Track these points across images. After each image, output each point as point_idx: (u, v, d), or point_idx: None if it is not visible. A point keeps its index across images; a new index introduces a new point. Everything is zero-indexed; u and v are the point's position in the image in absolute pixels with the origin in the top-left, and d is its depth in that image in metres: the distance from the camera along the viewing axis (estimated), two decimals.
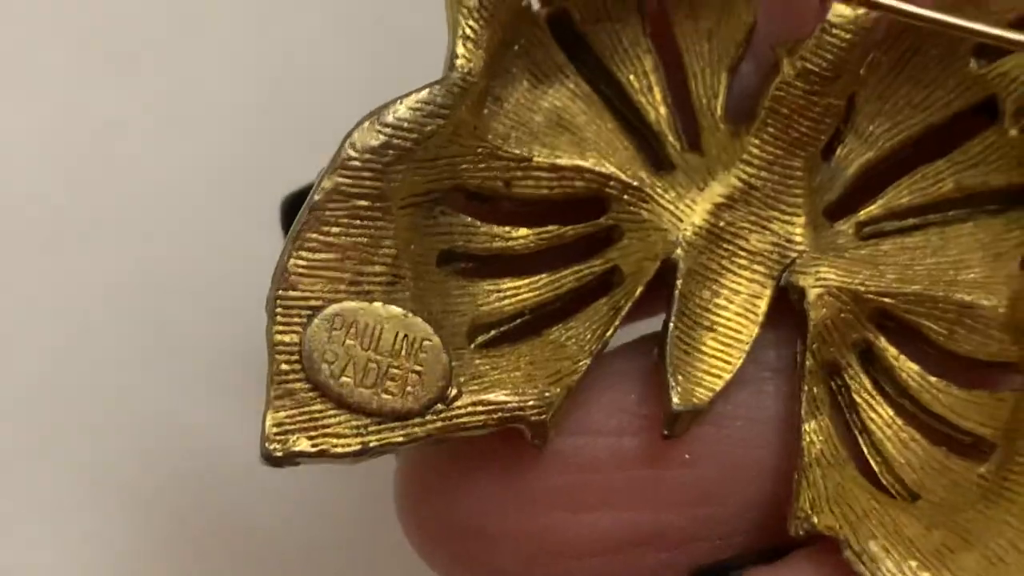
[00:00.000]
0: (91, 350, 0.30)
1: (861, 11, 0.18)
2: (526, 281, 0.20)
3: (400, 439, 0.18)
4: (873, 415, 0.20)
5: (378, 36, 0.28)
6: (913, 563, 0.19)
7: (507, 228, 0.19)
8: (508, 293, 0.20)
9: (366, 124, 0.18)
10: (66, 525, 0.29)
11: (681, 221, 0.19)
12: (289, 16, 0.33)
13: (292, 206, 0.20)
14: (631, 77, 0.20)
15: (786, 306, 0.20)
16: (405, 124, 0.18)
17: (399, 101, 0.18)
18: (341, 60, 0.32)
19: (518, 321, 0.20)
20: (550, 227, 0.20)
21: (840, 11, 0.18)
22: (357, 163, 0.18)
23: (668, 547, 0.20)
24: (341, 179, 0.18)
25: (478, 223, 0.19)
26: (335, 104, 0.30)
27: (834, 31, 0.18)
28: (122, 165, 0.32)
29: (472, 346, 0.19)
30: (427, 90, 0.18)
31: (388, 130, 0.18)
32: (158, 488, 0.29)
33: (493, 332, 0.19)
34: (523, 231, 0.20)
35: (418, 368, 0.18)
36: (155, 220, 0.31)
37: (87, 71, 0.32)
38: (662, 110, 0.20)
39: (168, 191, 0.32)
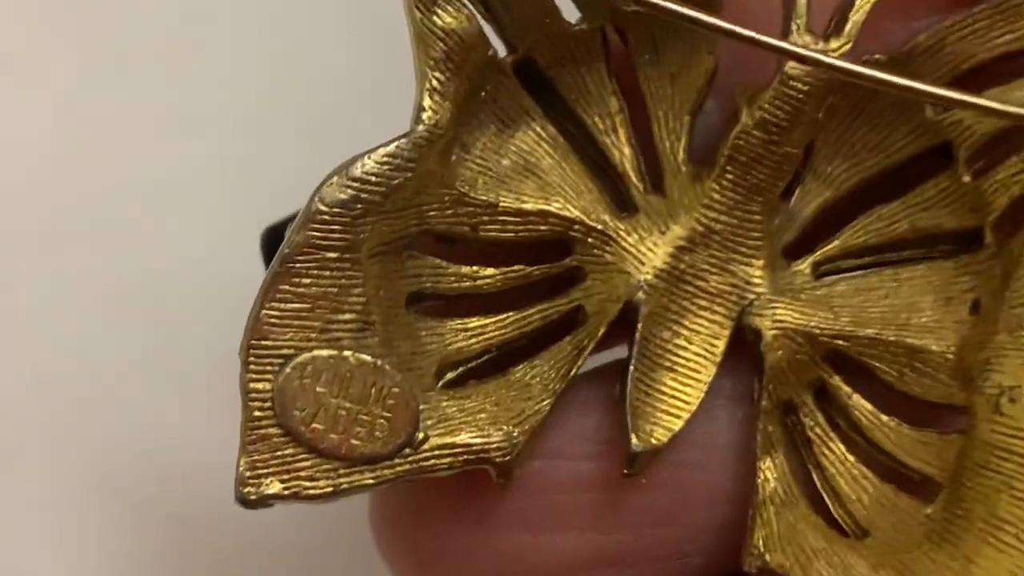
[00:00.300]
0: (90, 352, 0.31)
1: None
2: (493, 320, 0.20)
3: (370, 481, 0.19)
4: (826, 451, 0.20)
5: (383, 37, 0.28)
6: None
7: (474, 268, 0.20)
8: (475, 332, 0.20)
9: (335, 179, 0.19)
10: (66, 525, 0.30)
11: (643, 264, 0.20)
12: (293, 16, 0.33)
13: (271, 238, 0.21)
14: (596, 118, 0.20)
15: (742, 337, 0.21)
16: (373, 178, 0.18)
17: (367, 156, 0.19)
18: (345, 60, 0.32)
19: (485, 358, 0.20)
20: (516, 267, 0.20)
21: (799, 64, 0.19)
22: (326, 217, 0.18)
23: (628, 568, 0.21)
24: (311, 232, 0.18)
25: (446, 264, 0.20)
26: (339, 106, 0.32)
27: (791, 83, 0.19)
28: (122, 166, 0.32)
29: (440, 385, 0.20)
30: (394, 144, 0.19)
31: (356, 184, 0.18)
32: (158, 489, 0.30)
33: (460, 369, 0.20)
34: (490, 271, 0.20)
35: (386, 415, 0.19)
36: (156, 222, 0.32)
37: (87, 71, 0.32)
38: (626, 151, 0.20)
39: (168, 193, 0.32)
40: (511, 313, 0.20)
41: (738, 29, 0.18)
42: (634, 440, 0.19)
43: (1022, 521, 0.19)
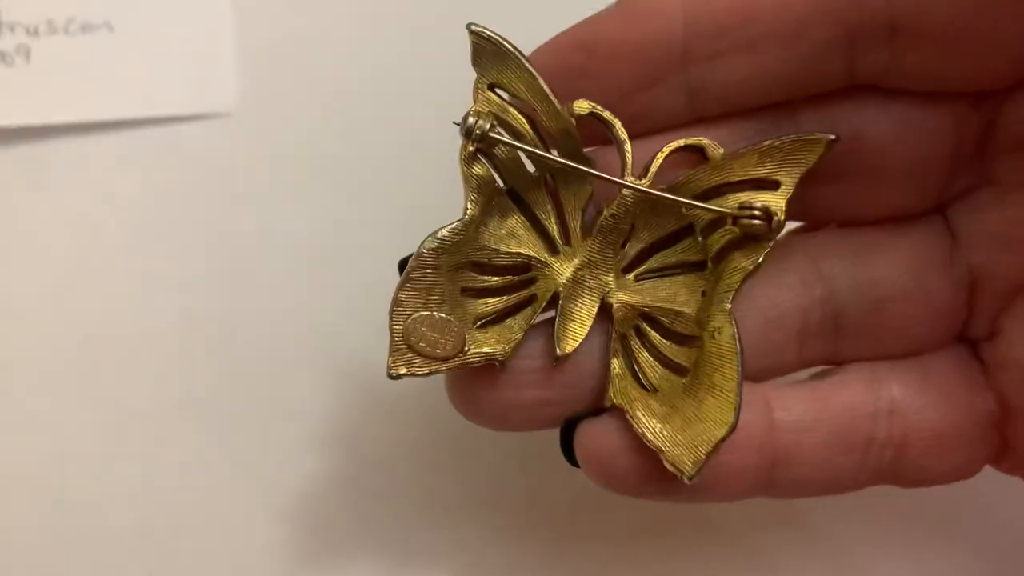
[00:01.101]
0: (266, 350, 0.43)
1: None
2: (496, 299, 0.33)
3: (445, 368, 0.31)
4: (640, 356, 0.33)
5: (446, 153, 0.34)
6: (654, 420, 0.31)
7: (489, 277, 0.32)
8: (489, 304, 0.33)
9: (428, 237, 0.31)
10: None
11: (561, 275, 0.33)
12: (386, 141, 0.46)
13: (402, 262, 0.33)
14: (540, 212, 0.33)
15: (604, 306, 0.32)
16: (446, 238, 0.31)
17: (444, 227, 0.31)
18: (422, 167, 0.45)
19: (493, 315, 0.32)
20: (506, 276, 0.33)
21: (627, 190, 0.31)
22: (425, 253, 0.31)
23: (555, 405, 0.32)
24: (419, 261, 0.31)
25: (477, 275, 0.32)
26: (418, 192, 0.44)
27: (624, 197, 0.32)
28: (261, 227, 0.46)
29: (474, 328, 0.32)
30: (455, 223, 0.31)
31: (438, 240, 0.31)
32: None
33: (483, 320, 0.32)
34: (496, 279, 0.32)
35: (452, 339, 0.31)
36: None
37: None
38: (555, 227, 0.33)
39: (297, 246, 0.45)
40: (504, 296, 0.33)
41: (598, 173, 0.31)
42: (558, 350, 0.32)
43: (724, 389, 0.30)
